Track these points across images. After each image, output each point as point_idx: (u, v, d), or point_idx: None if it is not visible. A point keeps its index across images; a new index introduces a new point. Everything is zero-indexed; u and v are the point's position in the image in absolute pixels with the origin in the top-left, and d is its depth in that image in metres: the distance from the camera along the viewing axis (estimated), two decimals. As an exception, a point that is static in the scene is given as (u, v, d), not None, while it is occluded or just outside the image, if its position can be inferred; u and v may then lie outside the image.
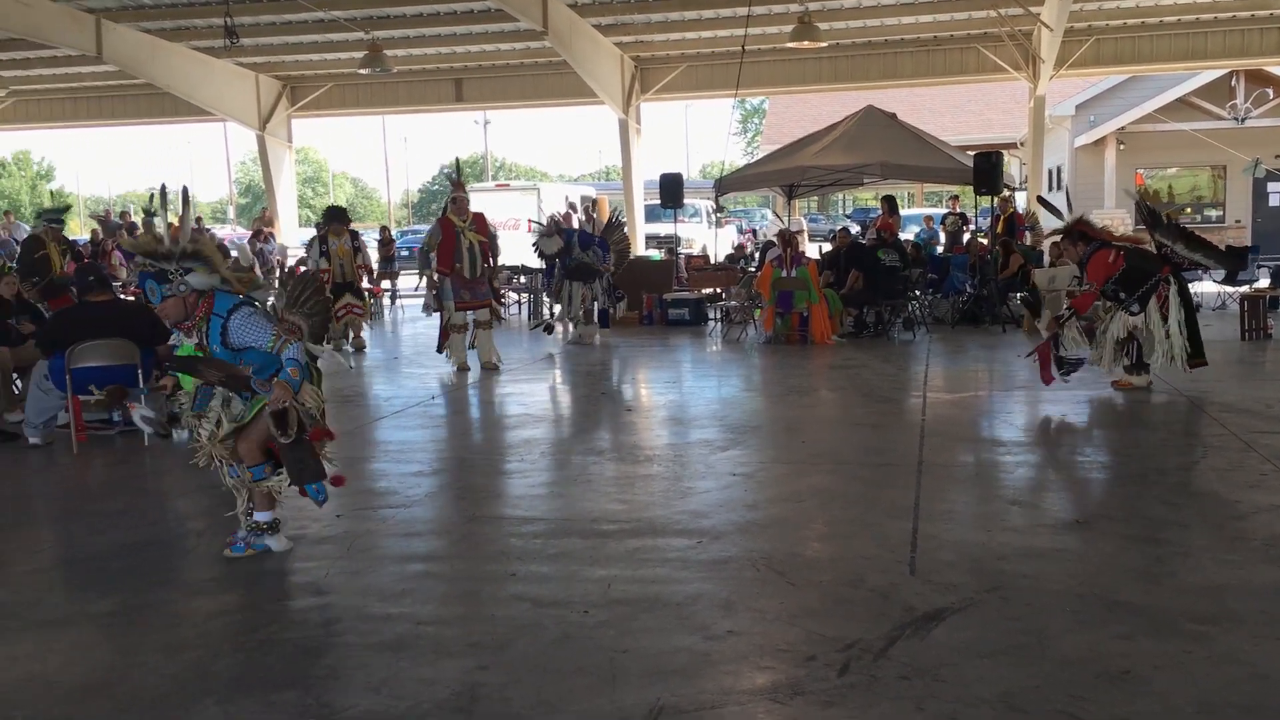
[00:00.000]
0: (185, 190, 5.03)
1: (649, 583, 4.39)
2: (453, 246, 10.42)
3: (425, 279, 10.97)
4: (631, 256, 21.45)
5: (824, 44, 18.37)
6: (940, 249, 18.45)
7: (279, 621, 4.06)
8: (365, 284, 13.53)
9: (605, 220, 14.70)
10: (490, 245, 10.72)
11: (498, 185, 33.17)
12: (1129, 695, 3.30)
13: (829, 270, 13.35)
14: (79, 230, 38.97)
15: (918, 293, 14.03)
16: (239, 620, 4.08)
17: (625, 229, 15.84)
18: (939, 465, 6.36)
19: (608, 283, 13.51)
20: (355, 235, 12.87)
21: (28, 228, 30.74)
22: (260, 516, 4.87)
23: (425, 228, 41.11)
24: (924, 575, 4.37)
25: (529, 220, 17.39)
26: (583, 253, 13.04)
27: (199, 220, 4.93)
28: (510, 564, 4.71)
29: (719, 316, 14.40)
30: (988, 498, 5.76)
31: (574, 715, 3.25)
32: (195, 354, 4.72)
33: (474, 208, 10.90)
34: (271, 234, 24.22)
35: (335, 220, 12.60)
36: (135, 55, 20.09)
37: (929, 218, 22.98)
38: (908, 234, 20.37)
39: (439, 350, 10.84)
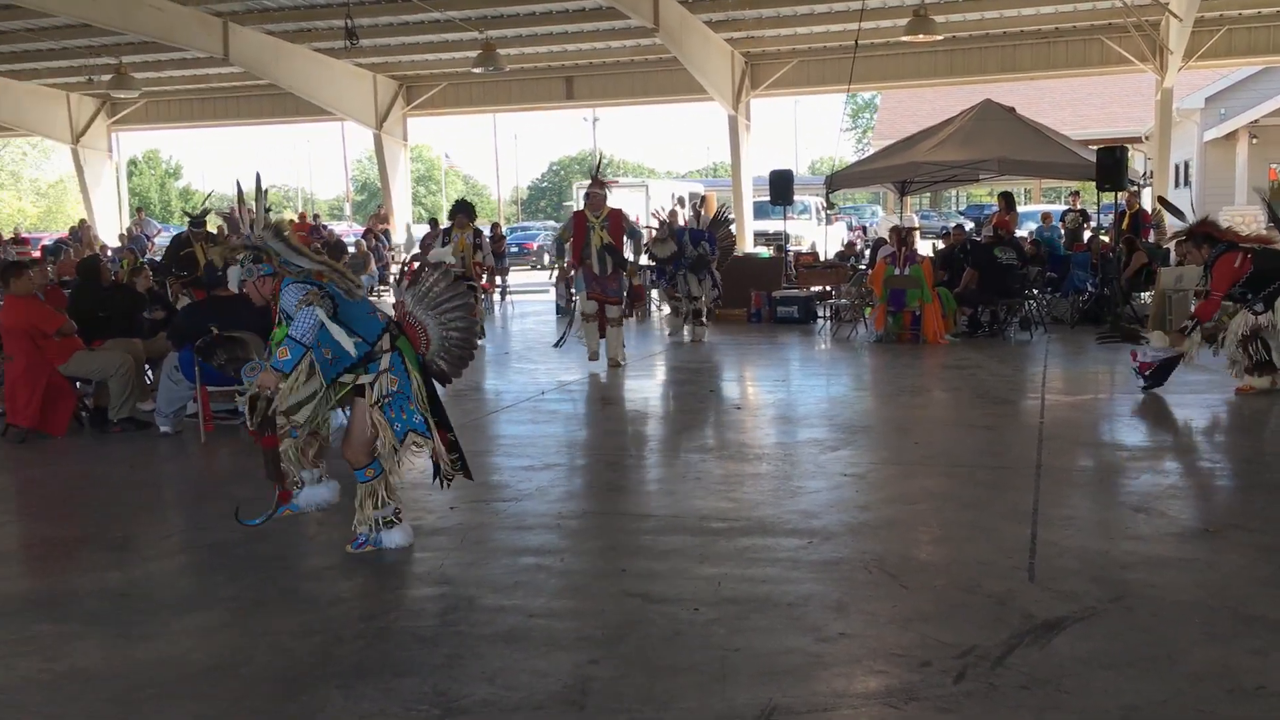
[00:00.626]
0: (258, 177, 5.12)
1: (759, 582, 4.37)
2: (582, 241, 10.38)
3: (557, 269, 10.85)
4: (739, 253, 21.42)
5: (940, 37, 18.00)
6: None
7: (397, 610, 4.15)
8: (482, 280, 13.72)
9: (712, 215, 14.67)
10: (624, 242, 10.50)
11: (608, 182, 33.32)
12: (1263, 713, 3.17)
13: (943, 269, 13.09)
14: (209, 227, 40.46)
15: (1035, 291, 13.67)
16: (359, 607, 4.18)
17: (732, 225, 15.81)
18: (1058, 469, 6.19)
19: (713, 279, 13.52)
20: (478, 233, 13.01)
21: (157, 224, 32.08)
22: (382, 512, 4.84)
23: (533, 225, 41.33)
24: (1044, 582, 4.26)
25: (648, 227, 17.45)
26: (694, 249, 13.10)
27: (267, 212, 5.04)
28: (620, 559, 4.74)
29: (828, 314, 14.25)
30: (1110, 504, 5.59)
31: (685, 712, 3.25)
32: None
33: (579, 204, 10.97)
34: (386, 230, 24.78)
35: (461, 213, 12.78)
36: (260, 57, 20.75)
37: (1047, 215, 22.36)
38: (1025, 231, 19.83)
39: (556, 345, 10.89)
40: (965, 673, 3.44)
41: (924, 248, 17.34)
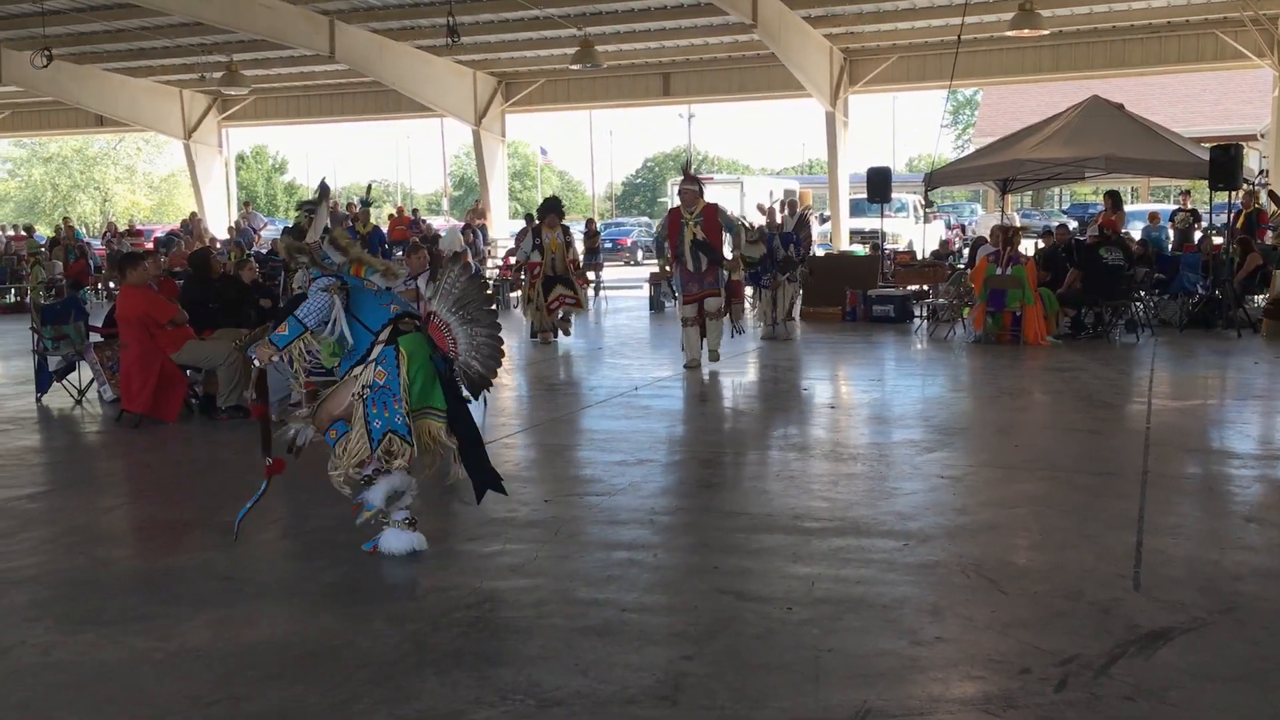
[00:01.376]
0: (323, 183, 5.28)
1: (854, 583, 4.33)
2: (677, 239, 10.20)
3: (659, 269, 10.85)
4: (834, 251, 21.22)
5: (1046, 31, 17.58)
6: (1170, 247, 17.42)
7: (491, 600, 4.21)
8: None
9: (797, 217, 14.56)
10: (721, 238, 10.30)
11: (703, 178, 33.29)
12: (1385, 735, 3.04)
13: (1045, 269, 12.79)
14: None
15: (1142, 293, 13.28)
16: (454, 597, 4.25)
17: (826, 223, 15.72)
18: (1165, 476, 6.00)
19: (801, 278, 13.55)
20: (566, 230, 13.08)
21: (263, 217, 32.95)
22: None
23: (628, 221, 41.37)
24: (1149, 592, 4.14)
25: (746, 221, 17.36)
26: (783, 251, 13.10)
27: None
28: (713, 556, 4.73)
29: (925, 314, 14.04)
30: (1220, 513, 5.41)
31: (778, 712, 3.23)
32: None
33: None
34: (483, 225, 25.11)
35: (551, 212, 12.84)
36: (365, 54, 21.18)
37: (1155, 214, 21.70)
38: (1134, 230, 19.27)
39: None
40: (1066, 681, 3.37)
41: (1025, 247, 16.97)
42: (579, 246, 17.69)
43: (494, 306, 5.05)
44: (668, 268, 10.50)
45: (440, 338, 4.79)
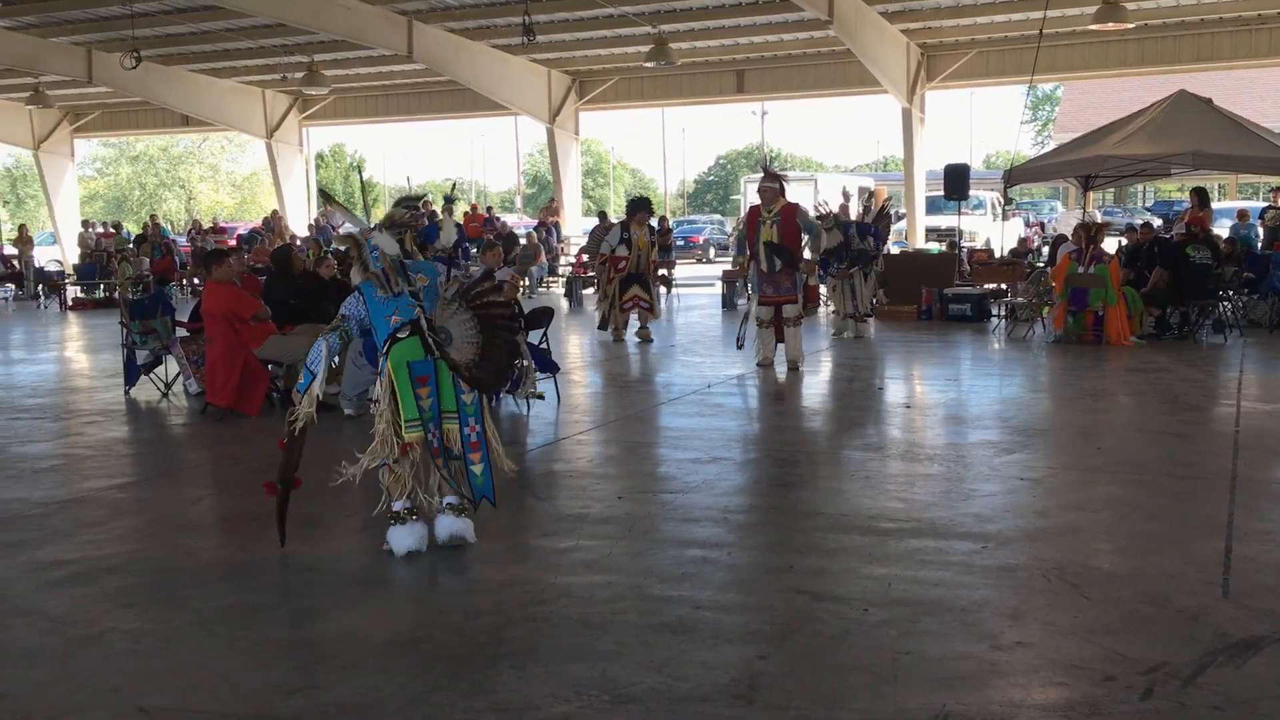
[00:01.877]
0: (360, 171, 5.22)
1: (931, 585, 4.27)
2: (754, 238, 9.93)
3: (736, 265, 10.55)
4: (909, 249, 20.97)
5: (1131, 25, 17.18)
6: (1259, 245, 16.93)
7: (566, 596, 4.22)
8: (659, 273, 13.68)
9: (878, 209, 14.40)
10: (799, 239, 9.93)
11: (778, 174, 33.09)
12: None
13: (1129, 268, 12.51)
14: (385, 218, 41.98)
15: (1231, 293, 12.92)
16: (528, 592, 4.28)
17: (890, 221, 15.48)
18: (1256, 481, 5.84)
19: (876, 274, 13.37)
20: (653, 229, 13.01)
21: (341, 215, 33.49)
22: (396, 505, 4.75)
23: (699, 218, 41.25)
24: (1239, 599, 4.03)
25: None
26: (859, 241, 12.94)
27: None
28: (788, 556, 4.70)
29: (1003, 313, 13.80)
30: (1314, 520, 5.24)
31: (855, 713, 3.21)
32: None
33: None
34: (556, 223, 25.26)
35: (642, 210, 12.80)
36: (442, 54, 21.42)
37: (1244, 212, 21.06)
38: (1222, 228, 18.74)
39: (739, 346, 10.54)
40: (1153, 689, 3.29)
41: (1108, 245, 16.61)
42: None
43: (511, 318, 4.98)
44: (745, 265, 10.28)
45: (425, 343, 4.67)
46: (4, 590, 4.38)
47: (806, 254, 10.49)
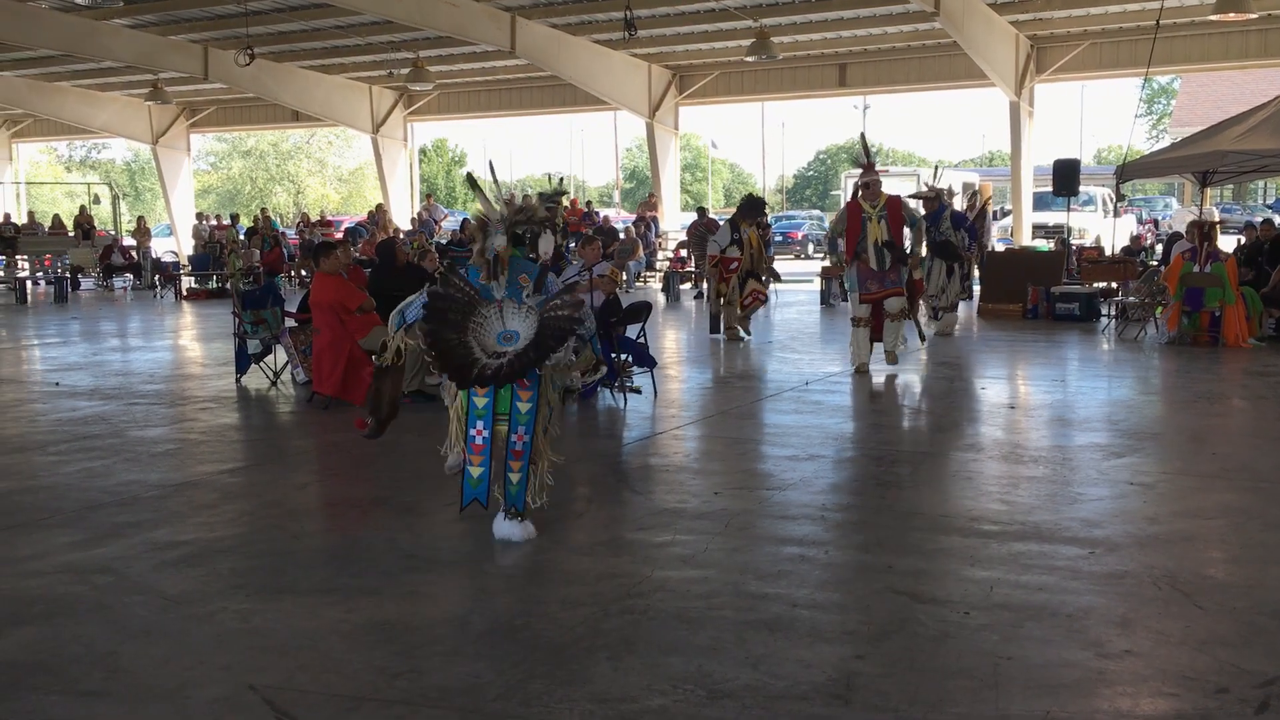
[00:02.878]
0: (490, 165, 5.37)
1: (1035, 590, 4.18)
2: (857, 234, 9.59)
3: (831, 264, 10.26)
4: (1016, 246, 20.50)
5: (1254, 15, 16.50)
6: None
7: (662, 590, 4.23)
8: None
9: (982, 207, 14.10)
10: (903, 233, 9.72)
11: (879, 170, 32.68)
12: None
13: (1247, 267, 12.05)
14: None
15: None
16: (625, 585, 4.30)
17: (988, 220, 15.11)
18: (1383, 491, 5.58)
19: (965, 271, 13.05)
20: (766, 227, 13.09)
21: (444, 209, 34.02)
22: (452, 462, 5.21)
23: (798, 214, 40.87)
24: (1364, 614, 3.86)
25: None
26: (952, 230, 12.60)
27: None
28: (886, 556, 4.64)
29: (1114, 313, 13.41)
30: None
31: (954, 717, 3.15)
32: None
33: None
34: (655, 218, 25.29)
35: (755, 211, 12.75)
36: (544, 49, 21.60)
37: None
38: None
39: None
40: (1269, 704, 3.17)
41: (1226, 244, 16.03)
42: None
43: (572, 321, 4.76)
44: (842, 264, 10.02)
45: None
46: (123, 569, 4.55)
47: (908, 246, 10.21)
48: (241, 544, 4.93)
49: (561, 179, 5.12)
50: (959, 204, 13.63)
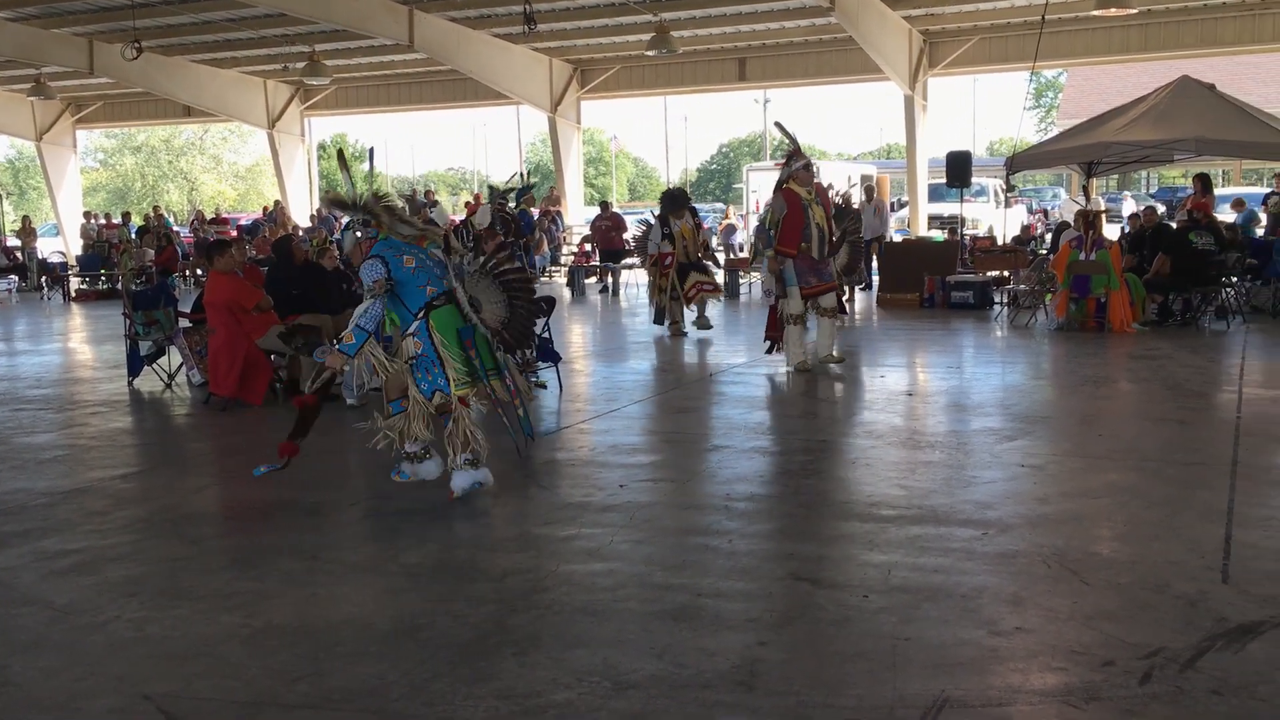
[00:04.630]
0: (371, 151, 6.07)
1: (931, 571, 4.29)
2: (800, 223, 9.00)
3: (766, 261, 9.50)
4: (913, 237, 20.94)
5: (1134, 10, 17.13)
6: (1261, 231, 16.89)
7: (568, 584, 4.24)
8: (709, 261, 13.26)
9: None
10: (836, 222, 9.43)
11: (776, 164, 33.06)
12: None
13: (1131, 254, 12.49)
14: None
15: (1234, 279, 12.90)
16: (531, 580, 4.30)
17: (858, 219, 14.89)
18: (1257, 467, 5.84)
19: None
20: (695, 213, 12.74)
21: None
22: (409, 447, 5.51)
23: (702, 207, 41.31)
24: (1239, 585, 4.04)
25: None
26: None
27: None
28: (789, 543, 4.72)
29: (1006, 300, 13.80)
30: (1314, 506, 5.24)
31: (854, 699, 3.22)
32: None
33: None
34: (559, 212, 25.23)
35: (678, 206, 12.51)
36: (443, 43, 21.39)
37: (1238, 201, 20.94)
38: (1227, 215, 18.68)
39: (769, 351, 9.64)
40: (1151, 674, 3.30)
41: (1111, 232, 16.60)
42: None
43: (530, 289, 5.66)
44: (777, 257, 9.20)
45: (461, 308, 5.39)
46: (10, 580, 4.41)
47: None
48: (135, 551, 4.80)
49: (528, 173, 5.62)
50: (857, 197, 13.79)
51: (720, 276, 15.75)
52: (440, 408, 5.37)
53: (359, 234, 5.47)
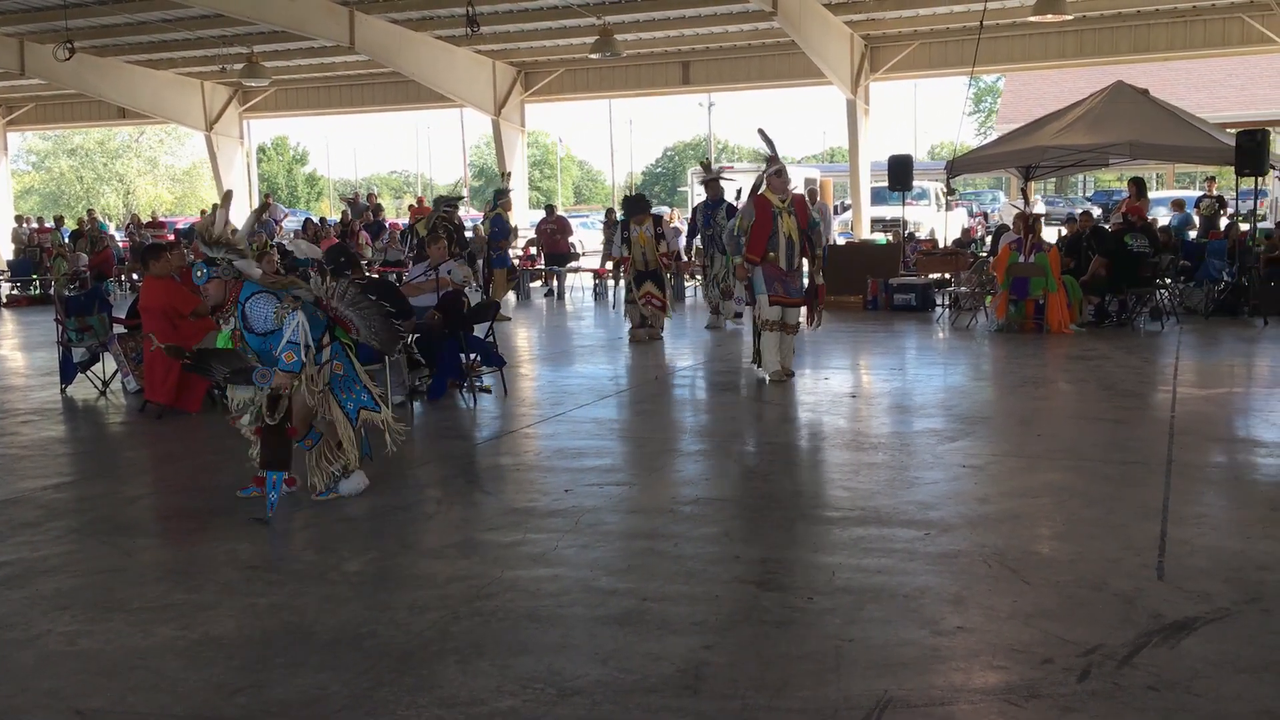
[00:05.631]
0: (229, 194, 6.04)
1: (874, 572, 4.32)
2: (767, 230, 8.77)
3: (735, 268, 9.23)
4: (855, 239, 21.13)
5: (1069, 16, 17.39)
6: (1194, 234, 17.28)
7: (513, 590, 4.21)
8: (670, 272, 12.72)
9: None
10: (812, 232, 9.05)
11: (722, 168, 33.19)
12: None
13: (1069, 256, 12.70)
14: (329, 212, 41.56)
15: (1168, 280, 13.17)
16: (475, 586, 4.26)
17: (829, 215, 14.97)
18: (1190, 465, 5.96)
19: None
20: (659, 220, 12.34)
21: (284, 209, 33.09)
22: (334, 468, 5.53)
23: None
24: (1173, 581, 4.12)
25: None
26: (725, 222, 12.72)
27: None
28: (733, 546, 4.73)
29: (947, 302, 13.97)
30: (1246, 502, 5.36)
31: (799, 700, 3.23)
32: (228, 345, 5.37)
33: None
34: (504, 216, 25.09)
35: (636, 209, 12.24)
36: (384, 45, 21.19)
37: (1178, 201, 21.44)
38: (1163, 219, 19.07)
39: (755, 361, 9.24)
40: (1089, 671, 3.35)
41: (1049, 235, 16.86)
42: (599, 235, 17.45)
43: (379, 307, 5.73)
44: (745, 263, 8.94)
45: (345, 326, 5.54)
46: (-65, 594, 4.28)
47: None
48: (68, 563, 4.69)
49: (508, 174, 5.61)
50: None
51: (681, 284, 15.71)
52: (365, 424, 5.54)
53: (215, 273, 5.26)
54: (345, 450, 5.50)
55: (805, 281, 9.14)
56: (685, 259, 12.39)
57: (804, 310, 9.09)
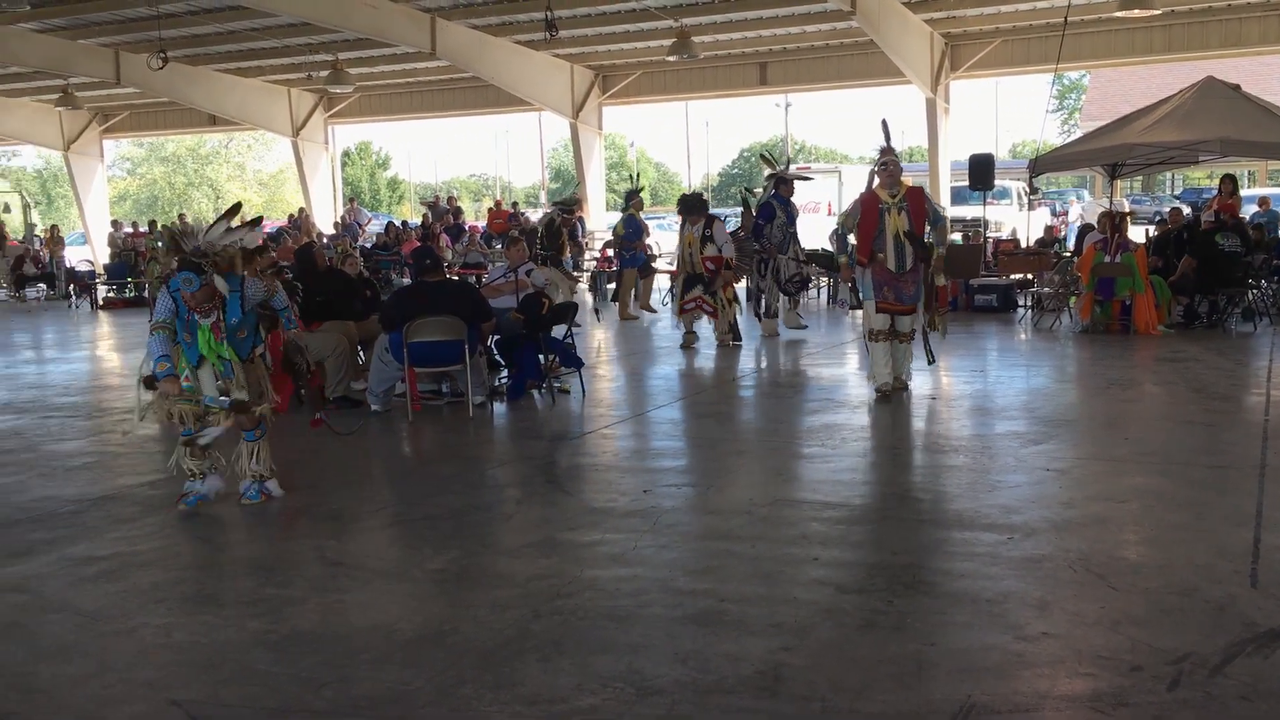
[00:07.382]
0: (237, 206, 6.62)
1: (956, 576, 4.27)
2: (871, 230, 8.08)
3: (841, 269, 8.69)
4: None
5: (1158, 11, 16.99)
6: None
7: (592, 589, 4.25)
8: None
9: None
10: (935, 227, 8.29)
11: (799, 168, 32.97)
12: None
13: (1157, 256, 12.41)
14: (410, 215, 42.20)
15: (1261, 281, 12.79)
16: (555, 585, 4.30)
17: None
18: (1285, 470, 5.78)
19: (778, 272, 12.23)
20: (711, 222, 11.58)
21: (368, 213, 33.66)
22: (255, 466, 5.71)
23: (724, 211, 41.32)
24: (1268, 589, 4.01)
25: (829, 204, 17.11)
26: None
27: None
28: (812, 548, 4.71)
29: (1030, 303, 13.72)
30: (1344, 509, 5.19)
31: (880, 705, 3.21)
32: (210, 340, 5.66)
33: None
34: (581, 218, 25.27)
35: (689, 210, 11.66)
36: (465, 51, 21.47)
37: (1263, 199, 20.74)
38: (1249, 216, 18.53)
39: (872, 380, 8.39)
40: (1180, 680, 3.28)
41: (1136, 234, 16.47)
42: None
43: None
44: (852, 265, 8.30)
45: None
46: (38, 587, 4.45)
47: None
48: (162, 557, 4.84)
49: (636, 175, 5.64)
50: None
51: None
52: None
53: (206, 280, 5.56)
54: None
55: (920, 286, 8.21)
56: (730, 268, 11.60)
57: (919, 315, 8.31)
